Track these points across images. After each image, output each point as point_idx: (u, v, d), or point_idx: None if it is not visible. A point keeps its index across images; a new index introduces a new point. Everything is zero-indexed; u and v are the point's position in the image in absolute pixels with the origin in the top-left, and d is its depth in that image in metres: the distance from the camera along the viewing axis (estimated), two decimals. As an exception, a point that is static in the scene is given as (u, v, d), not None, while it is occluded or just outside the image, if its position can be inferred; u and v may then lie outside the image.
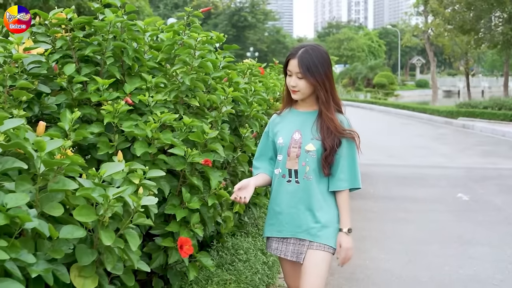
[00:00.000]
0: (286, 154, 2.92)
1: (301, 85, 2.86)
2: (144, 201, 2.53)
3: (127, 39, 3.53)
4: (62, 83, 3.26)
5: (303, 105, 3.01)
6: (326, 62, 2.88)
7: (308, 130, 2.92)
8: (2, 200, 2.07)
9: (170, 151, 3.14)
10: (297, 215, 2.91)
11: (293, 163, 2.91)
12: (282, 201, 2.95)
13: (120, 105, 3.11)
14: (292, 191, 2.92)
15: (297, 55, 2.84)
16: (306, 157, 2.88)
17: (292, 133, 2.94)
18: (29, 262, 2.11)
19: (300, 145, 2.90)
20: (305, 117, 2.98)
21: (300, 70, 2.82)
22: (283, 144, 2.94)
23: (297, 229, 2.92)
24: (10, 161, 2.25)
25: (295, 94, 2.91)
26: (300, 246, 2.92)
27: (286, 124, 3.02)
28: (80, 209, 2.34)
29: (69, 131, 2.77)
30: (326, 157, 2.86)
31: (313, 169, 2.88)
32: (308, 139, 2.90)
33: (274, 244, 3.02)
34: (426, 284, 4.94)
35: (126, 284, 2.70)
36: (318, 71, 2.82)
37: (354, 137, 2.93)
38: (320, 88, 2.85)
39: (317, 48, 2.90)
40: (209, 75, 3.79)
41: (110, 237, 2.38)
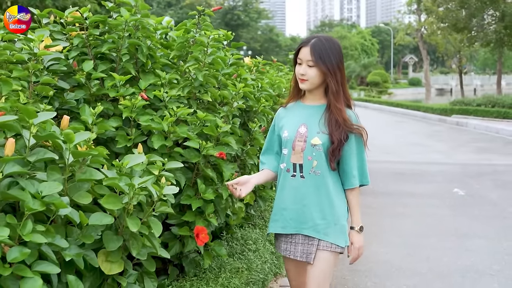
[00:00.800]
0: (291, 148, 2.84)
1: (310, 73, 2.76)
2: (166, 190, 2.66)
3: (141, 37, 3.66)
4: (81, 79, 3.38)
5: (311, 98, 2.91)
6: (339, 53, 2.80)
7: (315, 124, 2.82)
8: (37, 188, 2.20)
9: (186, 144, 3.27)
10: (302, 211, 2.83)
11: (298, 157, 2.82)
12: (286, 197, 2.88)
13: (137, 100, 3.24)
14: (296, 186, 2.84)
15: (310, 43, 2.76)
16: (313, 151, 2.79)
17: (298, 127, 2.85)
18: (62, 247, 2.24)
19: (305, 139, 2.81)
20: (312, 111, 2.88)
21: (311, 58, 2.73)
22: (288, 137, 2.86)
23: (302, 225, 2.83)
24: (42, 152, 2.39)
25: (303, 83, 2.81)
26: (309, 246, 2.83)
27: (292, 118, 2.92)
28: (108, 198, 2.47)
29: (92, 124, 2.90)
30: (333, 150, 2.77)
31: (321, 164, 2.79)
32: (314, 133, 2.80)
33: (283, 245, 2.92)
34: (426, 275, 5.10)
35: (148, 269, 2.84)
36: (330, 60, 2.74)
37: (362, 133, 2.85)
38: (331, 77, 2.75)
39: (331, 38, 2.83)
40: (219, 72, 3.93)
41: (136, 224, 2.51)
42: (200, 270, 3.57)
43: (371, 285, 4.82)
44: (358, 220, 2.90)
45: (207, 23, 3.84)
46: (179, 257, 3.48)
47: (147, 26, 3.70)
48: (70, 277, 2.27)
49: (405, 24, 41.29)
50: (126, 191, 2.53)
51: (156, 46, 3.81)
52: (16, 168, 2.17)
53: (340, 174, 2.89)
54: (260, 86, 4.37)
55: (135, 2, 3.71)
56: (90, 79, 3.42)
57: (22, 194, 2.11)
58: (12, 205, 2.36)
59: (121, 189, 2.52)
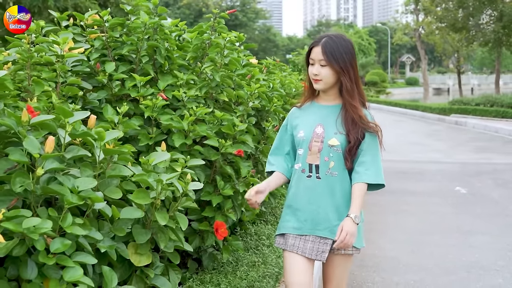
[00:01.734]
0: (307, 148, 2.79)
1: (324, 73, 2.73)
2: (190, 186, 2.79)
3: (159, 39, 3.78)
4: (103, 80, 3.50)
5: (325, 98, 2.87)
6: (351, 51, 2.76)
7: (332, 124, 2.79)
8: (73, 184, 2.32)
9: (205, 142, 3.40)
10: (317, 212, 2.77)
11: (314, 158, 2.77)
12: (301, 197, 2.81)
13: (158, 100, 3.37)
14: (312, 187, 2.78)
15: (321, 42, 2.73)
16: (330, 152, 2.75)
17: (314, 127, 2.81)
18: (97, 239, 2.37)
19: (322, 139, 2.76)
20: (328, 111, 2.84)
21: (323, 57, 2.70)
22: (304, 137, 2.81)
23: (316, 227, 2.77)
24: (76, 149, 2.51)
25: (317, 84, 2.78)
26: (322, 245, 2.77)
27: (307, 117, 2.87)
28: (137, 193, 2.60)
29: (118, 123, 3.02)
30: (350, 149, 2.74)
31: (337, 165, 2.76)
32: (332, 133, 2.76)
33: (291, 240, 2.81)
34: (432, 270, 5.23)
35: (173, 261, 2.96)
36: (343, 58, 2.71)
37: (378, 132, 2.80)
38: (344, 75, 2.72)
39: (342, 36, 2.79)
40: (233, 72, 4.05)
41: (164, 218, 2.64)
42: (218, 264, 3.70)
43: (379, 280, 4.95)
44: (356, 209, 2.70)
45: (222, 25, 3.96)
46: (198, 252, 3.60)
47: (165, 28, 3.83)
48: (104, 267, 2.40)
49: (403, 24, 41.40)
50: (154, 187, 2.65)
51: (173, 47, 3.93)
52: (55, 164, 2.30)
53: (353, 171, 2.80)
54: (271, 86, 4.50)
55: (153, 5, 3.83)
56: (112, 80, 3.54)
57: (62, 188, 2.24)
58: (48, 200, 2.48)
59: (149, 185, 2.64)
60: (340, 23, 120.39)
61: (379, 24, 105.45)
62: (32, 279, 2.14)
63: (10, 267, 2.17)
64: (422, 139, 16.73)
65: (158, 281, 2.78)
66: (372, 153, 2.80)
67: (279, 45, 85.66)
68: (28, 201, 2.26)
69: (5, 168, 2.28)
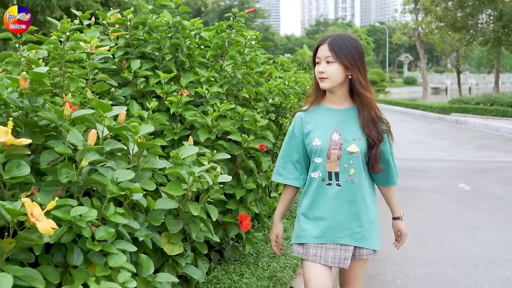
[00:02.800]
0: (326, 157, 2.71)
1: (330, 70, 2.66)
2: (220, 178, 2.90)
3: (181, 37, 3.89)
4: (128, 77, 3.62)
5: (334, 100, 2.79)
6: (359, 49, 2.71)
7: (349, 129, 2.72)
8: (112, 175, 2.44)
9: (229, 137, 3.51)
10: (339, 220, 2.73)
11: (333, 166, 2.71)
12: (323, 206, 2.76)
13: (183, 97, 3.48)
14: (333, 195, 2.73)
15: (327, 40, 2.68)
16: (350, 159, 2.69)
17: (330, 134, 2.72)
18: (135, 228, 2.48)
19: (340, 146, 2.69)
20: (343, 115, 2.77)
21: (331, 54, 2.64)
22: (321, 146, 2.72)
23: (338, 234, 2.74)
24: (113, 143, 2.63)
25: (323, 82, 2.70)
26: (344, 252, 2.75)
27: (321, 124, 2.78)
28: (170, 185, 2.71)
29: (148, 118, 3.13)
30: (376, 153, 2.71)
31: (358, 172, 2.72)
32: (350, 140, 2.70)
33: (312, 250, 2.77)
34: (441, 264, 5.35)
35: (201, 251, 3.07)
36: (351, 55, 2.65)
37: (389, 127, 2.80)
38: (354, 70, 2.66)
39: (349, 35, 2.75)
40: (252, 70, 4.17)
41: (196, 209, 2.75)
42: (240, 255, 3.82)
43: (389, 273, 5.07)
44: (398, 210, 3.04)
45: (242, 25, 4.07)
46: (220, 244, 3.72)
47: (187, 27, 3.94)
48: (142, 255, 2.51)
49: (402, 23, 41.54)
50: (186, 179, 2.77)
51: (193, 46, 4.04)
52: (96, 156, 2.41)
53: (379, 174, 2.81)
54: (287, 84, 4.61)
55: (175, 5, 3.94)
56: (137, 77, 3.65)
57: (104, 179, 2.35)
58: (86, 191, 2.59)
59: (182, 177, 2.75)
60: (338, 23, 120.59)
61: (378, 24, 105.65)
62: (78, 265, 2.25)
63: (56, 254, 2.28)
64: (424, 138, 16.88)
65: (188, 270, 2.90)
66: (391, 154, 2.85)
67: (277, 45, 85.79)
68: (71, 191, 2.37)
69: (48, 160, 2.39)
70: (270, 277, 3.55)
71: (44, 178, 2.39)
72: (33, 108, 2.53)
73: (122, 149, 2.64)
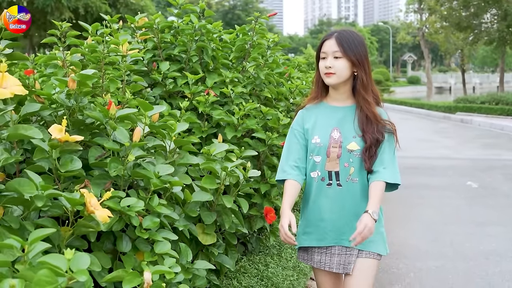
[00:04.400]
0: (325, 155, 2.65)
1: (338, 65, 2.58)
2: (250, 173, 3.10)
3: (206, 40, 4.09)
4: (158, 77, 3.81)
5: (337, 97, 2.73)
6: (364, 45, 2.66)
7: (349, 127, 2.66)
8: (154, 170, 2.63)
9: (254, 135, 3.71)
10: (341, 221, 2.66)
11: (333, 165, 2.64)
12: (323, 207, 2.68)
13: (210, 96, 3.68)
14: (333, 195, 2.66)
15: (334, 35, 2.62)
16: (350, 157, 2.62)
17: (330, 131, 2.67)
18: (175, 219, 2.67)
19: (340, 144, 2.63)
20: (343, 113, 2.71)
21: (339, 48, 2.58)
22: (321, 144, 2.66)
23: (341, 236, 2.66)
24: (152, 140, 2.82)
25: (329, 78, 2.61)
26: (348, 256, 2.67)
27: (321, 121, 2.72)
28: (206, 179, 2.91)
29: (181, 116, 3.33)
30: (367, 150, 2.60)
31: (358, 171, 2.64)
32: (350, 138, 2.64)
33: (316, 256, 2.74)
34: (453, 257, 5.54)
35: (231, 242, 3.27)
36: (358, 51, 2.60)
37: (393, 130, 2.68)
38: (360, 68, 2.61)
39: (354, 31, 2.70)
40: (272, 71, 4.36)
41: (229, 201, 2.95)
42: (264, 247, 4.01)
43: (403, 266, 5.26)
44: (374, 206, 2.53)
45: (263, 28, 4.27)
46: (245, 236, 3.91)
47: (212, 30, 4.14)
48: (181, 244, 2.70)
49: (407, 23, 41.66)
50: (219, 174, 2.96)
51: (218, 48, 4.24)
52: (140, 152, 2.60)
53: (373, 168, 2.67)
54: (304, 84, 4.80)
55: (200, 9, 4.14)
56: (166, 78, 3.84)
57: (149, 173, 2.54)
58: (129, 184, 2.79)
59: (215, 171, 2.95)
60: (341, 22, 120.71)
61: (381, 23, 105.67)
62: (127, 252, 2.45)
63: (106, 242, 2.48)
64: (430, 136, 17.05)
65: (220, 259, 3.10)
66: (389, 153, 2.65)
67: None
68: (118, 184, 2.56)
69: (96, 156, 2.59)
70: (293, 267, 3.74)
71: (91, 172, 2.59)
72: (79, 107, 2.72)
73: (161, 145, 2.84)
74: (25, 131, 2.12)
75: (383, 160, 2.64)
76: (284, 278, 3.68)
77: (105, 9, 22.55)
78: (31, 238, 1.69)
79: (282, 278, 3.68)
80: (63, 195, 2.06)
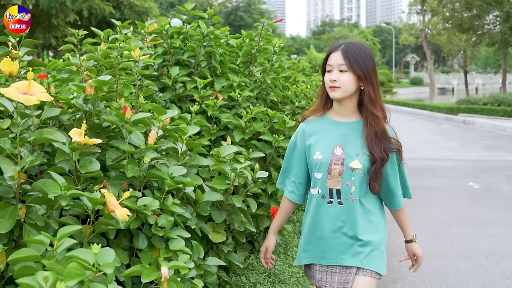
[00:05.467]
0: (327, 172, 2.58)
1: (343, 79, 2.49)
2: (258, 174, 3.24)
3: (214, 46, 4.23)
4: (168, 82, 3.95)
5: (341, 112, 2.64)
6: (372, 58, 2.58)
7: (353, 144, 2.58)
8: (168, 171, 2.77)
9: (261, 137, 3.85)
10: (341, 240, 2.60)
11: (334, 182, 2.57)
12: (323, 225, 2.63)
13: (219, 100, 3.82)
14: (334, 214, 2.59)
15: (341, 47, 2.54)
16: (352, 176, 2.55)
17: (332, 148, 2.59)
18: (187, 217, 2.81)
19: (342, 162, 2.55)
20: (347, 129, 2.62)
21: (344, 62, 2.49)
22: (322, 160, 2.59)
23: (341, 255, 2.61)
24: (165, 142, 2.96)
25: (334, 91, 2.53)
26: (347, 275, 2.61)
27: (323, 136, 2.64)
28: (216, 180, 3.04)
29: (191, 120, 3.46)
30: (376, 170, 2.54)
31: (359, 189, 2.57)
32: (353, 155, 2.56)
33: (318, 275, 2.69)
34: (454, 257, 5.67)
35: (239, 240, 3.40)
36: (365, 64, 2.51)
37: (400, 148, 2.62)
38: (367, 82, 2.52)
39: (361, 43, 2.62)
40: (278, 75, 4.51)
41: (238, 201, 3.08)
42: (271, 246, 4.15)
43: (405, 265, 5.36)
44: (410, 233, 2.90)
45: (269, 33, 4.41)
46: (252, 235, 4.05)
47: (219, 35, 4.28)
48: (194, 242, 2.84)
49: (409, 24, 41.77)
50: (228, 175, 3.10)
51: (225, 53, 4.38)
52: (154, 154, 2.74)
53: (384, 194, 2.70)
54: (309, 87, 4.95)
55: (208, 15, 4.28)
56: (176, 82, 3.98)
57: (163, 174, 2.68)
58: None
59: (225, 172, 3.08)
60: (344, 23, 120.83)
61: (384, 24, 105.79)
62: (143, 249, 2.59)
63: (123, 239, 2.62)
64: (433, 138, 17.17)
65: (230, 256, 3.24)
66: (400, 173, 2.70)
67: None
68: (134, 184, 2.70)
69: (113, 158, 2.73)
70: (299, 265, 3.87)
71: (107, 173, 2.73)
72: (96, 111, 2.86)
73: (174, 148, 2.98)
74: (49, 135, 2.25)
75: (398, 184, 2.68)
76: (291, 275, 3.83)
77: (109, 11, 22.71)
78: (59, 234, 1.82)
79: (289, 275, 3.83)
80: (85, 195, 2.20)
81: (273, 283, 3.58)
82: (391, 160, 2.58)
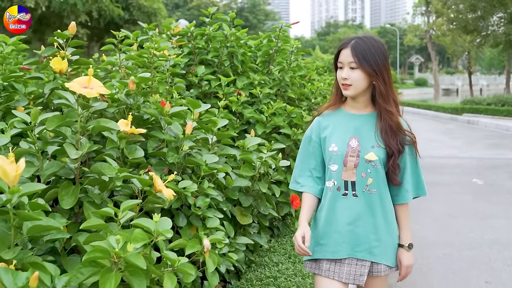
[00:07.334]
0: (342, 164, 2.54)
1: (354, 77, 2.48)
2: (282, 163, 3.56)
3: (236, 46, 4.56)
4: (195, 80, 4.28)
5: (355, 106, 2.62)
6: (383, 53, 2.52)
7: (368, 136, 2.56)
8: (202, 158, 3.09)
9: (280, 131, 4.17)
10: (356, 233, 2.53)
11: (349, 174, 2.53)
12: (338, 218, 2.55)
13: (242, 97, 4.15)
14: (349, 206, 2.54)
15: (350, 44, 2.49)
16: (367, 168, 2.52)
17: (348, 140, 2.56)
18: (219, 200, 3.14)
19: (358, 154, 2.52)
20: (362, 121, 2.60)
21: (354, 59, 2.46)
22: (338, 152, 2.55)
23: (355, 248, 2.54)
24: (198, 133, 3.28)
25: (347, 90, 2.51)
26: (360, 267, 2.55)
27: (339, 129, 2.61)
28: (244, 167, 3.37)
29: (219, 114, 3.79)
30: (394, 163, 2.52)
31: (376, 182, 2.54)
32: (369, 147, 2.53)
33: (325, 265, 2.58)
34: (458, 246, 5.99)
35: (263, 223, 3.73)
36: (375, 60, 2.47)
37: (415, 141, 2.63)
38: (378, 78, 2.48)
39: (372, 37, 2.56)
40: (294, 73, 4.84)
41: (264, 187, 3.41)
42: (289, 231, 4.48)
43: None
44: (407, 237, 2.63)
45: (287, 34, 4.74)
46: (272, 222, 4.38)
47: (241, 37, 4.61)
48: (225, 222, 3.17)
49: (414, 25, 42.00)
50: (254, 163, 3.43)
51: (246, 53, 4.71)
52: (191, 143, 3.07)
53: (391, 187, 2.62)
54: (322, 85, 5.28)
55: (230, 18, 4.61)
56: (202, 80, 4.31)
57: (200, 160, 3.01)
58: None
59: (251, 161, 3.41)
60: (348, 24, 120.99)
61: (388, 25, 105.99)
62: (182, 226, 2.92)
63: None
64: (438, 137, 17.45)
65: (255, 237, 3.57)
66: (411, 167, 2.64)
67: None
68: (173, 170, 3.02)
69: (153, 146, 3.06)
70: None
71: (148, 160, 3.05)
72: (136, 105, 3.18)
73: (205, 138, 3.31)
74: (105, 124, 2.58)
75: (407, 179, 2.60)
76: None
77: (118, 13, 23.10)
78: (123, 207, 2.15)
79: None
80: (135, 177, 2.53)
81: (294, 263, 3.89)
82: (407, 152, 2.58)
